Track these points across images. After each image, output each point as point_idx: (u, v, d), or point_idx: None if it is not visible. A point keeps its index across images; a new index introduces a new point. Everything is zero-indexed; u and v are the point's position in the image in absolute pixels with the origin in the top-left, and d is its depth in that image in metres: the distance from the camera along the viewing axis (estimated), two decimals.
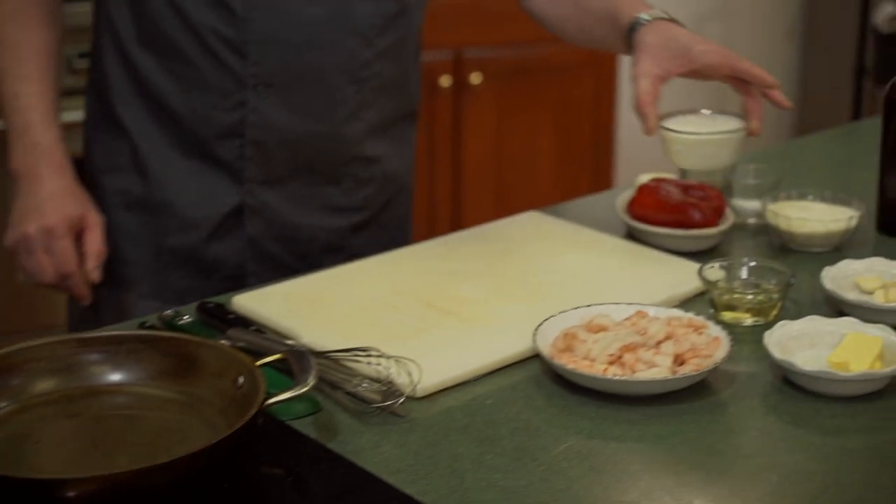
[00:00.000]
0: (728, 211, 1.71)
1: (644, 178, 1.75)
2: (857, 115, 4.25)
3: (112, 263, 1.69)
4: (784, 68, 4.71)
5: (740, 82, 1.63)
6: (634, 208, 1.71)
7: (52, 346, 1.27)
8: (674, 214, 1.67)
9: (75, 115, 1.81)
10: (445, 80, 3.50)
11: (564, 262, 1.62)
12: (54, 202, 1.62)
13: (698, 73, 1.62)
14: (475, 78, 3.54)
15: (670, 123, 1.68)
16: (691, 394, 1.29)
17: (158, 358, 1.27)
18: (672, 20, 1.64)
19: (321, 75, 1.64)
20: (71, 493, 1.04)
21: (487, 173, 3.68)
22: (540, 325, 1.37)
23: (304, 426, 1.24)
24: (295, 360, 1.23)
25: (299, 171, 1.70)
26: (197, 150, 1.66)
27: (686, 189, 1.70)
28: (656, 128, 1.57)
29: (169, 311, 1.46)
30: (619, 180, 3.94)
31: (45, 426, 1.20)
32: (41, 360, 1.25)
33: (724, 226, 1.68)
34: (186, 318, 1.44)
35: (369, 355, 1.28)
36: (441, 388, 1.31)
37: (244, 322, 1.42)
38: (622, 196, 1.77)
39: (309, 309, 1.47)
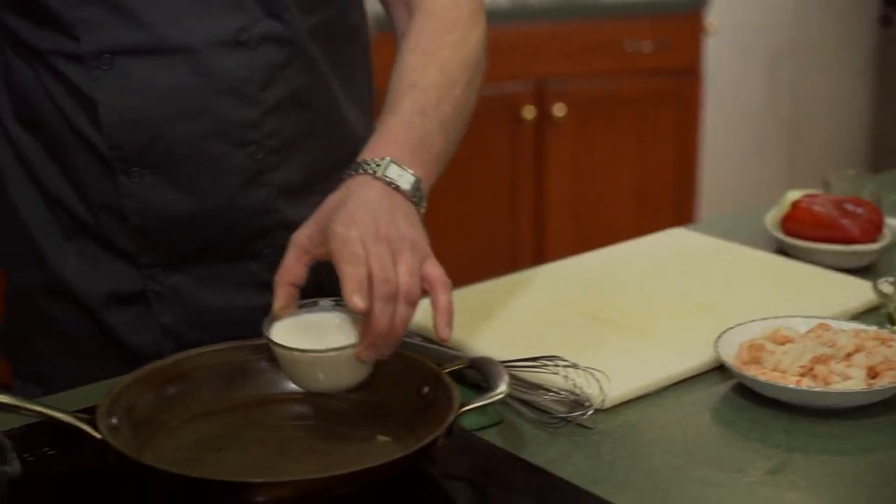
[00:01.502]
0: (885, 226, 1.65)
1: (794, 195, 1.69)
2: None
3: (28, 360, 1.54)
4: (857, 103, 4.67)
5: None
6: (788, 224, 1.65)
7: (221, 352, 1.22)
8: (830, 230, 1.61)
9: None
10: (528, 112, 3.46)
11: (720, 277, 1.56)
12: None
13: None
14: (558, 110, 3.50)
15: (280, 326, 1.20)
16: (887, 407, 1.23)
17: None
18: (378, 175, 1.23)
19: (196, 148, 1.40)
20: (261, 498, 1.00)
21: (568, 206, 3.63)
22: (720, 337, 1.32)
23: (490, 436, 1.18)
24: (483, 369, 1.18)
25: (203, 251, 1.45)
26: (90, 235, 1.47)
27: (840, 204, 1.64)
28: (276, 318, 1.20)
29: None
30: (702, 213, 3.88)
31: (224, 434, 1.15)
32: (212, 367, 1.21)
33: (884, 241, 1.62)
34: None
35: (556, 365, 1.23)
36: (626, 399, 1.25)
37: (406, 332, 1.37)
38: (771, 213, 1.72)
39: (471, 320, 1.42)
